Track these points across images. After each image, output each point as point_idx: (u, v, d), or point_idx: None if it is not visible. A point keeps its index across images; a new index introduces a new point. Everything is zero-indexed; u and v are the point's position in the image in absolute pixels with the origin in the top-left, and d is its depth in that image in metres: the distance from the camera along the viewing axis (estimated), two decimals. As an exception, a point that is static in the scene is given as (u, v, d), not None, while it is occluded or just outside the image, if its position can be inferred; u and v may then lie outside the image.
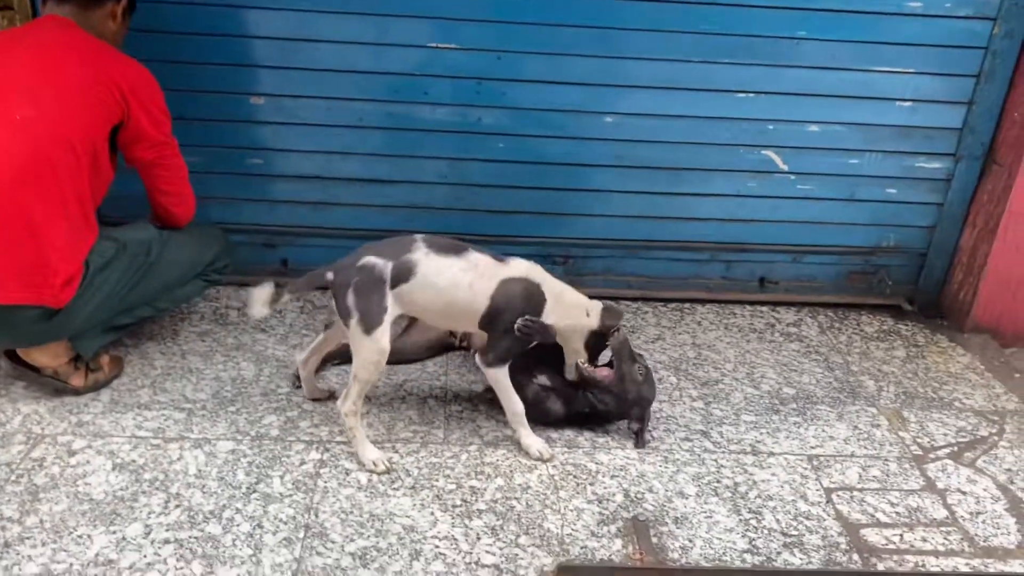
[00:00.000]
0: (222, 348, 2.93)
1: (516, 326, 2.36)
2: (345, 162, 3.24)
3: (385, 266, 2.28)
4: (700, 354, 3.13)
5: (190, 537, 2.10)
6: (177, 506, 2.20)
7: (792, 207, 3.36)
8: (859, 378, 3.04)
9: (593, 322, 2.47)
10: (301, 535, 2.13)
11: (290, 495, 2.27)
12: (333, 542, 2.12)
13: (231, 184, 3.25)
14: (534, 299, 2.40)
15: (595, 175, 3.30)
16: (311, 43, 3.04)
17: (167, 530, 2.12)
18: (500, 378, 2.44)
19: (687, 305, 3.49)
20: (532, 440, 2.50)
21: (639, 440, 2.57)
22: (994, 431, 2.79)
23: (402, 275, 2.30)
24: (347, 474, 2.36)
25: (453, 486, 2.34)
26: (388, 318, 2.30)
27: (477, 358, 2.46)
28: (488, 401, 2.70)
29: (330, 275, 2.32)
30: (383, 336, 2.29)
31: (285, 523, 2.17)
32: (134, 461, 2.35)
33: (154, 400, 2.62)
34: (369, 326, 2.26)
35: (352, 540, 2.13)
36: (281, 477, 2.33)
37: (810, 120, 3.22)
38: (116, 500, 2.21)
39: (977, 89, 3.17)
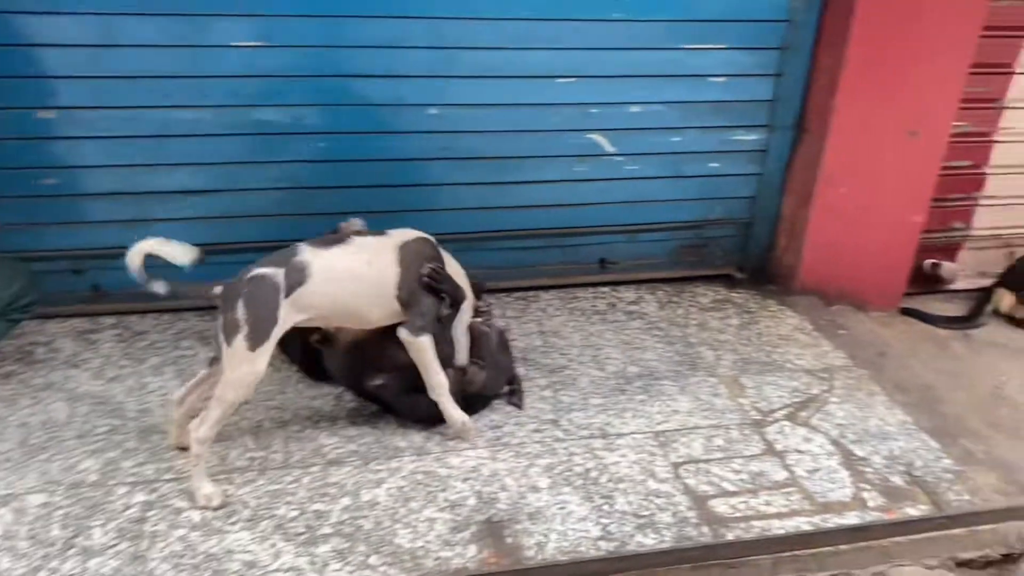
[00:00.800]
0: (28, 390, 2.66)
1: (423, 272, 2.34)
2: (156, 175, 3.00)
3: (277, 273, 2.17)
4: (547, 341, 3.12)
5: (-4, 610, 1.89)
6: (-20, 576, 1.96)
7: (622, 188, 3.39)
8: (698, 349, 3.11)
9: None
10: (128, 588, 1.95)
11: (114, 545, 2.07)
12: (165, 591, 1.95)
13: (25, 208, 2.95)
14: (438, 254, 2.44)
15: (423, 169, 3.21)
16: (107, 48, 2.79)
17: (-32, 606, 1.89)
18: (428, 347, 2.37)
19: (531, 293, 3.47)
20: (457, 413, 2.47)
21: (519, 402, 2.66)
22: (824, 388, 2.92)
23: (296, 279, 2.18)
24: (178, 514, 2.18)
25: (296, 512, 2.21)
26: (276, 335, 2.16)
27: (402, 331, 2.36)
28: (330, 417, 2.58)
29: (217, 289, 2.18)
30: (264, 356, 2.15)
31: (110, 577, 1.98)
32: (-74, 531, 2.09)
33: (-53, 458, 2.34)
34: (255, 342, 2.13)
35: (186, 586, 1.97)
36: (103, 526, 2.13)
37: (631, 101, 3.25)
38: (-96, 579, 1.95)
39: (783, 61, 3.29)
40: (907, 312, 3.63)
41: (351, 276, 2.27)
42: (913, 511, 2.36)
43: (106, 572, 1.99)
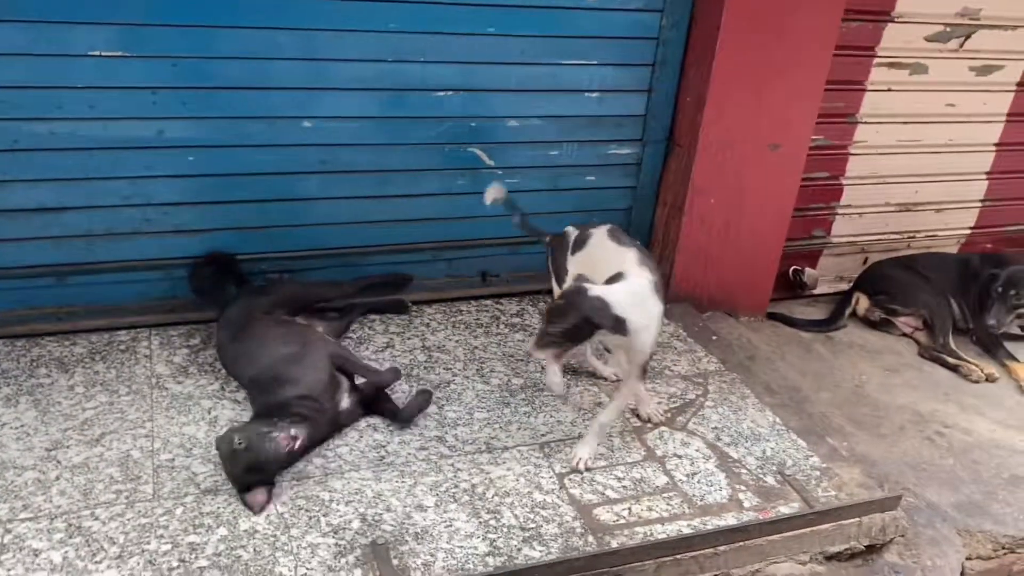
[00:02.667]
0: None
1: None
2: (5, 190, 2.80)
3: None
4: (431, 356, 3.09)
5: None
6: None
7: (504, 200, 3.41)
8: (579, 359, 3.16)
9: None
10: (-20, 641, 1.80)
11: (-38, 595, 1.91)
12: (22, 642, 1.81)
13: None
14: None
15: (299, 184, 3.13)
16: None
17: None
18: None
19: (415, 308, 3.43)
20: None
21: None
22: (700, 392, 3.01)
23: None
24: (36, 555, 2.03)
25: (168, 546, 2.10)
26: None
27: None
28: (203, 444, 2.46)
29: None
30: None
31: (-43, 631, 1.82)
32: None
33: None
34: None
35: (46, 634, 1.83)
36: (-51, 575, 1.96)
37: (509, 115, 3.28)
38: None
39: (654, 77, 3.40)
40: (774, 316, 3.81)
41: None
42: (786, 509, 2.46)
43: (-47, 625, 1.83)
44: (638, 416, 2.81)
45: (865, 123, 3.83)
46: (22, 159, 2.78)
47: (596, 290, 2.31)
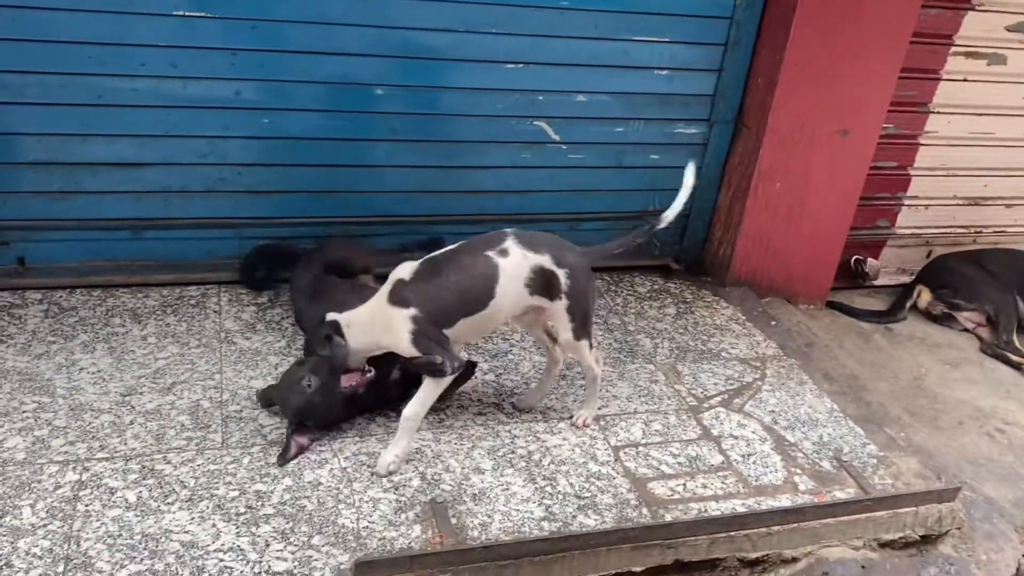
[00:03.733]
0: (-52, 366, 2.54)
1: None
2: (86, 144, 2.89)
3: None
4: (487, 327, 3.13)
5: (-82, 592, 1.80)
6: (-101, 557, 1.87)
7: (566, 176, 3.42)
8: (636, 337, 3.17)
9: None
10: (61, 569, 1.89)
11: (44, 525, 2.00)
12: (100, 572, 1.89)
13: (-55, 176, 2.81)
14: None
15: (369, 150, 3.18)
16: (38, 11, 2.66)
17: None
18: None
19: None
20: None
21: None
22: (757, 376, 3.01)
23: None
24: (112, 493, 2.12)
25: (236, 492, 2.17)
26: None
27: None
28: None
29: None
30: None
31: (40, 557, 1.91)
32: None
33: None
34: None
35: (123, 567, 1.92)
36: (32, 506, 2.05)
37: (577, 90, 3.28)
38: None
39: (725, 57, 3.37)
40: (833, 305, 3.77)
41: None
42: (841, 494, 2.45)
43: (37, 552, 1.92)
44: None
45: (937, 113, 3.75)
46: (104, 114, 2.86)
47: None
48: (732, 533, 2.27)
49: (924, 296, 3.86)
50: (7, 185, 2.87)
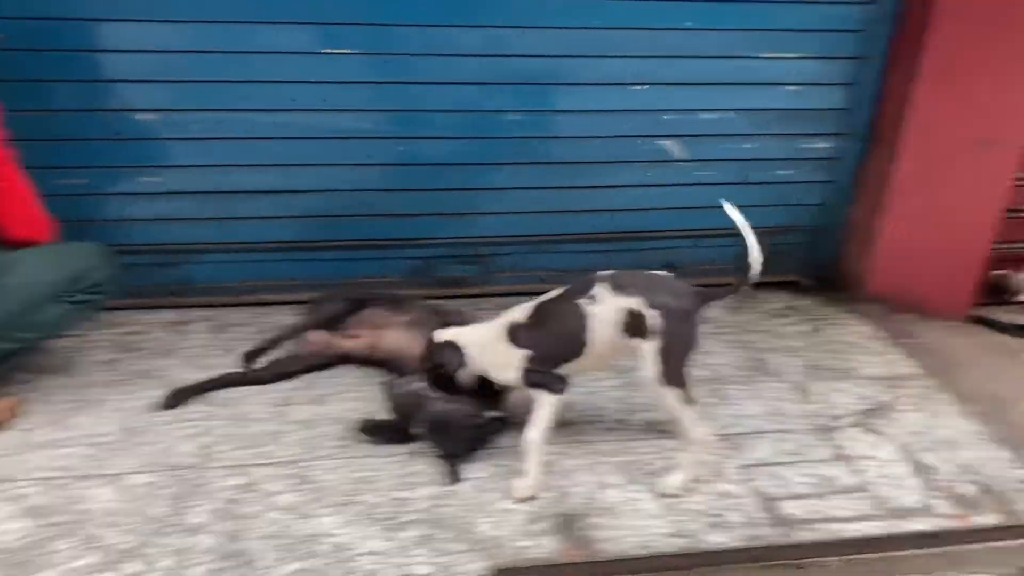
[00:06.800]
0: (126, 376, 2.81)
1: None
2: (243, 174, 3.15)
3: None
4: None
5: (109, 579, 2.03)
6: (92, 547, 2.10)
7: (691, 193, 3.45)
8: (766, 355, 3.15)
9: None
10: (227, 564, 2.08)
11: (212, 524, 2.20)
12: (262, 569, 2.07)
13: (122, 204, 3.12)
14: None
15: (496, 173, 3.31)
16: (200, 55, 2.94)
17: (85, 574, 2.03)
18: None
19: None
20: None
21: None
22: (893, 396, 2.94)
23: None
24: (270, 497, 2.31)
25: (381, 499, 2.32)
26: None
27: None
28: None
29: None
30: None
31: (208, 554, 2.11)
32: (43, 504, 2.24)
33: (58, 438, 2.50)
34: None
35: (281, 564, 2.09)
36: (201, 506, 2.26)
37: (703, 108, 3.31)
38: (27, 547, 2.10)
39: (857, 70, 3.32)
40: (977, 320, 3.62)
41: None
42: (984, 520, 2.37)
43: (205, 548, 2.12)
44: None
45: (1091, 120, 3.55)
46: (258, 146, 3.11)
47: None
48: (866, 555, 2.24)
49: (1076, 313, 3.65)
50: (175, 212, 3.17)
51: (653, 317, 2.29)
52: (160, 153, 3.07)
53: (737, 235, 3.49)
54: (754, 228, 3.49)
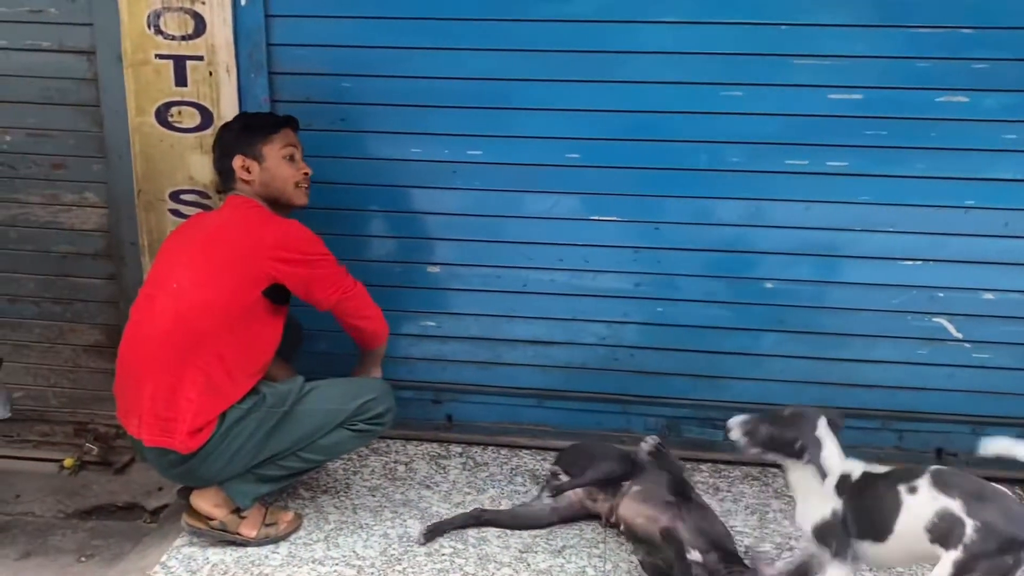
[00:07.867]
0: (390, 504, 3.06)
1: None
2: (510, 324, 3.42)
3: None
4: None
5: None
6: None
7: (968, 376, 3.21)
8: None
9: None
10: None
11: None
12: None
13: (406, 344, 3.49)
14: None
15: (754, 339, 3.31)
16: (482, 218, 3.32)
17: None
18: None
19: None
20: None
21: None
22: None
23: None
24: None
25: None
26: None
27: None
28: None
29: None
30: None
31: None
32: (308, 616, 2.48)
33: (327, 556, 2.76)
34: None
35: None
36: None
37: (984, 288, 3.12)
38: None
39: None
40: None
41: None
42: None
43: None
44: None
45: None
46: (527, 300, 3.38)
47: None
48: None
49: None
50: (449, 354, 3.49)
51: (970, 527, 2.01)
52: (442, 301, 3.44)
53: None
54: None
